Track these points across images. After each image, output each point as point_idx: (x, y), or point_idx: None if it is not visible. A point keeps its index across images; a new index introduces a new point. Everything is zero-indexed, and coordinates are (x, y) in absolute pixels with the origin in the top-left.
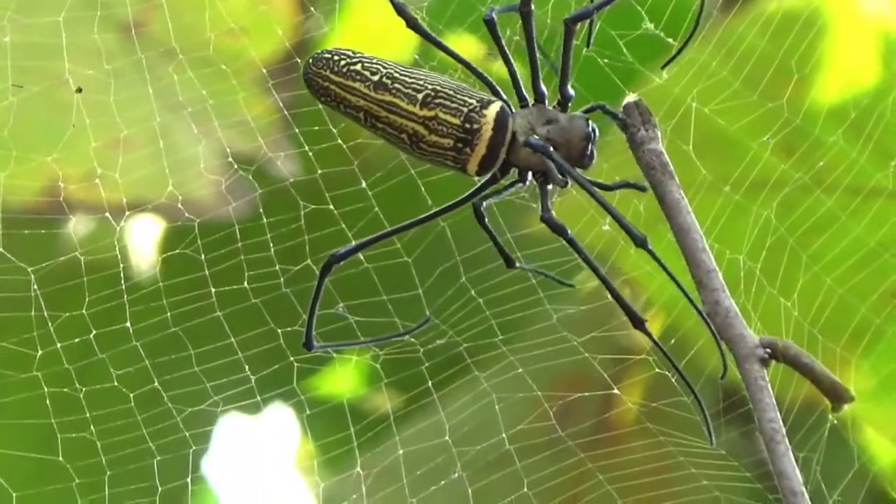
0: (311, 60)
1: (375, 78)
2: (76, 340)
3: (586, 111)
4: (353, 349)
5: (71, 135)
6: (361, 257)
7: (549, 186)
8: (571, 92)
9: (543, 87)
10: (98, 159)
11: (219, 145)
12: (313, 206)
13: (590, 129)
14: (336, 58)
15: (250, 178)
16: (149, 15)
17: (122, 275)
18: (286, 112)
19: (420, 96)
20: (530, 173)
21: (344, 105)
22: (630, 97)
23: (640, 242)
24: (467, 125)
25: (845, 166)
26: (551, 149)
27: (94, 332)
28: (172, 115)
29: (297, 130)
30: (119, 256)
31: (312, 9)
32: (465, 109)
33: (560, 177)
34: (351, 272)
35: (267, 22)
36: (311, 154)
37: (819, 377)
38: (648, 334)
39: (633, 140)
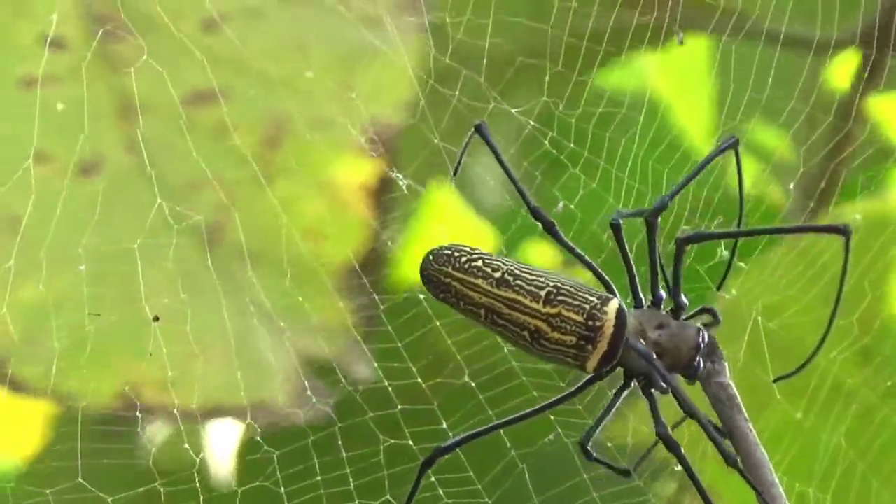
0: (430, 257)
1: (497, 275)
2: None
3: (695, 314)
4: None
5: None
6: (442, 493)
7: (656, 395)
8: (685, 301)
9: (662, 292)
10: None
11: (291, 358)
12: (393, 441)
13: (700, 339)
14: (456, 254)
15: (328, 409)
16: (222, 222)
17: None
18: (354, 330)
19: (543, 293)
20: (634, 379)
21: (464, 302)
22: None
23: (732, 462)
24: (590, 322)
25: None
26: (654, 355)
27: None
28: (244, 321)
29: (376, 366)
30: (199, 488)
31: (377, 223)
32: (588, 307)
33: (663, 385)
34: None
35: (341, 228)
36: (390, 389)
37: None
38: None
39: (700, 374)
